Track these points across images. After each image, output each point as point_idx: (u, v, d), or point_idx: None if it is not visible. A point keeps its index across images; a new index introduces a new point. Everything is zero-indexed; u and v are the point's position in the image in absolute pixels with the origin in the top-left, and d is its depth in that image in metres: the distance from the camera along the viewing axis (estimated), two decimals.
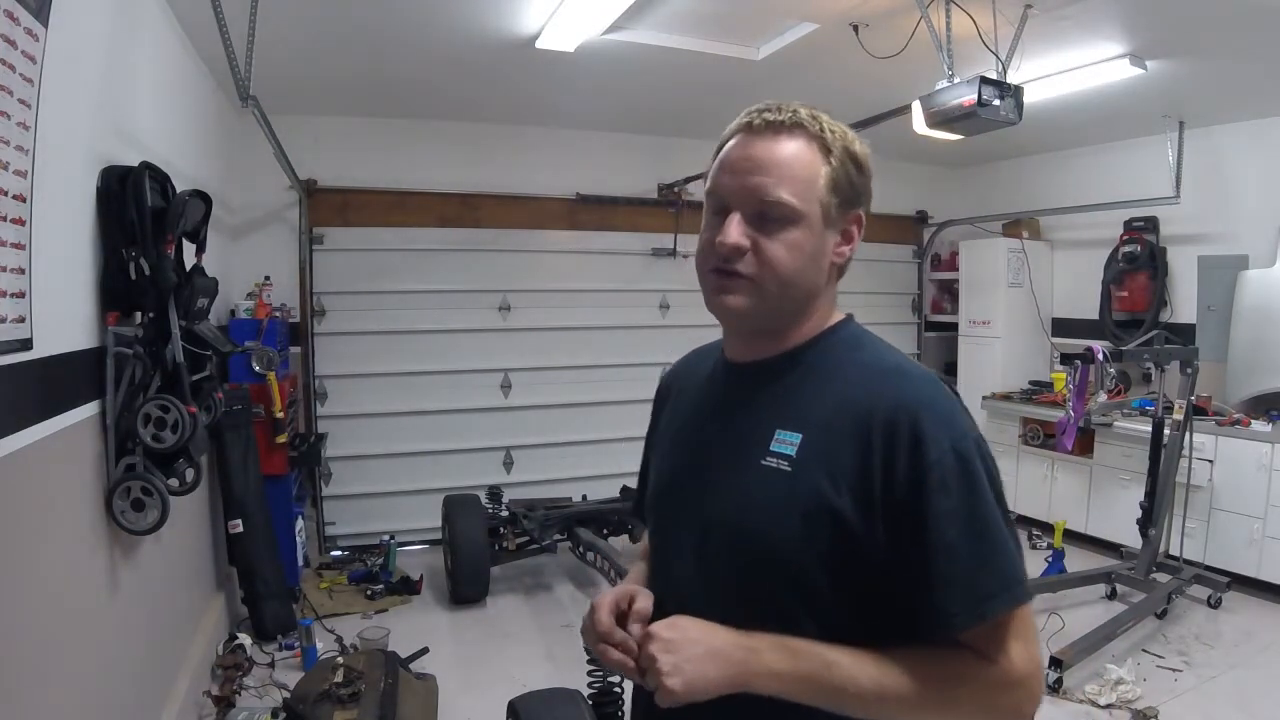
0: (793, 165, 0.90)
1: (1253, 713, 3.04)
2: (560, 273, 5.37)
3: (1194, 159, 4.61)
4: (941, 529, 0.82)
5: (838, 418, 0.88)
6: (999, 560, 0.84)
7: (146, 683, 2.51)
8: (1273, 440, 4.07)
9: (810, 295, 0.95)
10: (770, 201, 0.89)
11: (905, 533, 0.83)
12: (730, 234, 0.90)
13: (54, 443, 1.84)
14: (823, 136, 0.91)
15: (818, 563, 0.86)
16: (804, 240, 0.90)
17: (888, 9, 3.06)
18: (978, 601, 0.82)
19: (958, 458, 0.84)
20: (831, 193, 0.91)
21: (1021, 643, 0.84)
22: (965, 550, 0.82)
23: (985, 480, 0.85)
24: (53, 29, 1.76)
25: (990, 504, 0.85)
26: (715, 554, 0.93)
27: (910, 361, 0.95)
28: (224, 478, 3.59)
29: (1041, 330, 5.81)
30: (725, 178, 0.94)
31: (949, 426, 0.85)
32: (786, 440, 0.90)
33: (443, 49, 3.63)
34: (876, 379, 0.90)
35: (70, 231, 2.02)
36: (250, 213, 4.62)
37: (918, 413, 0.85)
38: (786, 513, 0.87)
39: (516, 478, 5.26)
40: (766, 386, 0.96)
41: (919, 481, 0.83)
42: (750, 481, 0.91)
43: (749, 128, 0.93)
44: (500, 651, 3.63)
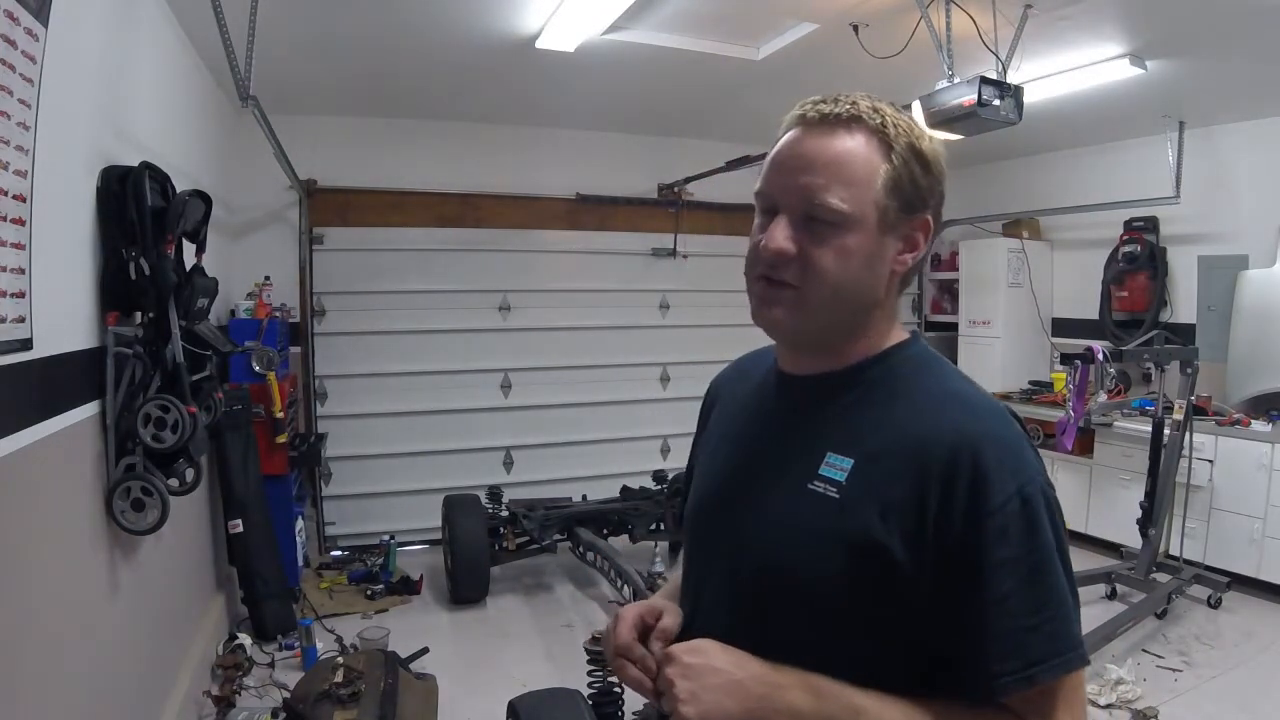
0: (847, 164, 0.82)
1: (1253, 713, 3.04)
2: (560, 273, 5.37)
3: (1194, 159, 4.61)
4: (997, 581, 0.75)
5: (895, 446, 0.81)
6: (1056, 622, 0.76)
7: (146, 683, 2.51)
8: (1273, 440, 4.07)
9: (865, 307, 0.86)
10: (819, 205, 0.81)
11: (956, 580, 0.76)
12: (775, 238, 0.82)
13: (54, 443, 1.84)
14: (884, 131, 0.83)
15: (857, 600, 0.80)
16: (857, 247, 0.82)
17: (888, 9, 3.06)
18: (1028, 664, 0.74)
19: (1023, 503, 0.77)
20: (891, 195, 0.83)
21: (1069, 715, 0.77)
22: (1021, 606, 0.75)
23: (1050, 531, 0.78)
24: (53, 29, 1.76)
25: (1053, 558, 0.77)
26: (749, 579, 0.87)
27: (978, 390, 0.86)
28: (224, 478, 3.59)
29: (1041, 330, 5.81)
30: (774, 176, 0.86)
31: (1016, 468, 0.78)
32: (837, 465, 0.83)
33: (443, 49, 3.63)
34: (940, 408, 0.82)
35: (70, 231, 2.02)
36: (250, 213, 4.62)
37: (981, 449, 0.77)
38: (829, 544, 0.81)
39: (516, 478, 5.25)
40: (820, 404, 0.89)
41: (977, 526, 0.75)
42: (793, 506, 0.84)
43: (803, 120, 0.85)
44: (500, 651, 3.63)
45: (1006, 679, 0.75)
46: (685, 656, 0.80)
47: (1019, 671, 0.74)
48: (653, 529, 4.41)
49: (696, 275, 5.56)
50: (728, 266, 6.02)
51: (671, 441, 5.57)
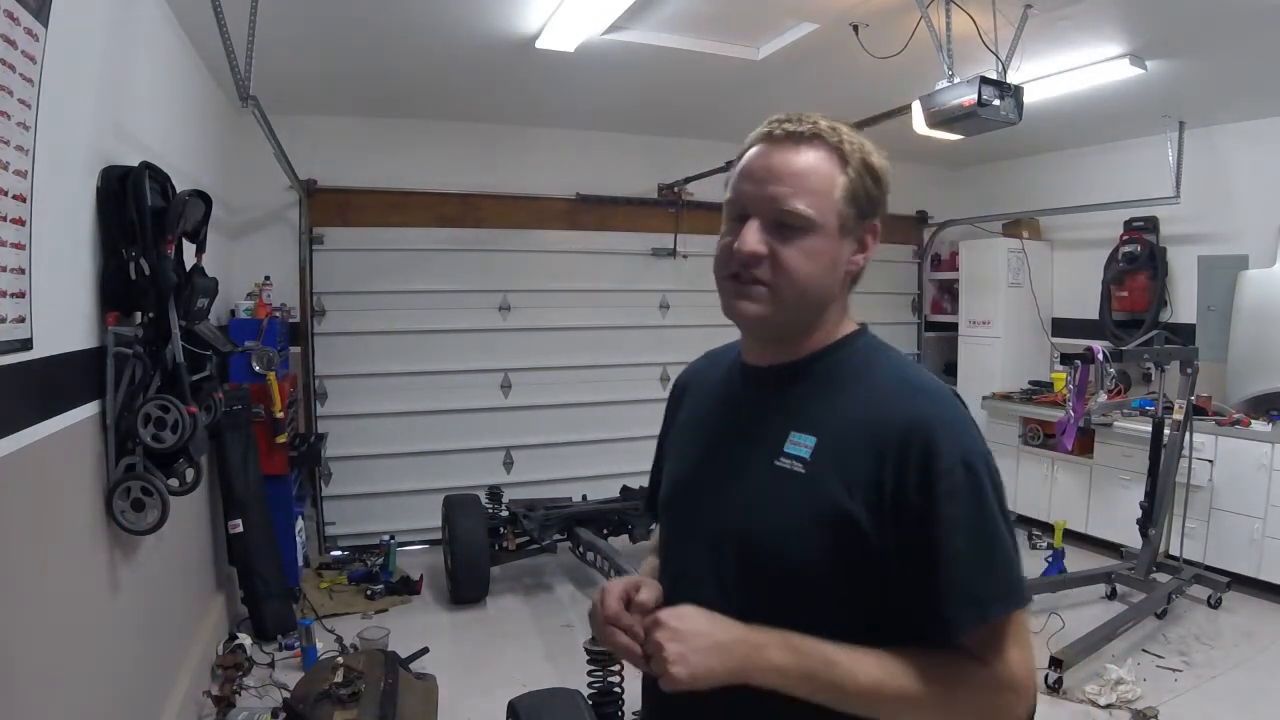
0: (811, 176, 0.92)
1: (1253, 713, 3.04)
2: (560, 273, 5.36)
3: (1194, 159, 4.61)
4: (949, 537, 0.85)
5: (853, 426, 0.91)
6: (1001, 567, 0.87)
7: (146, 683, 2.51)
8: (1273, 440, 4.07)
9: (825, 302, 0.97)
10: (788, 211, 0.91)
11: (914, 539, 0.86)
12: (748, 240, 0.92)
13: (54, 443, 1.84)
14: (841, 148, 0.93)
15: (827, 564, 0.89)
16: (820, 249, 0.92)
17: (888, 9, 3.06)
18: (979, 605, 0.85)
19: (967, 470, 0.87)
20: (848, 203, 0.93)
21: (1018, 648, 0.87)
22: (970, 556, 0.85)
23: (991, 492, 0.88)
24: (53, 29, 1.76)
25: (995, 514, 0.88)
26: (726, 552, 0.95)
27: (927, 375, 0.98)
28: (224, 478, 3.59)
29: (1041, 330, 5.81)
30: (745, 185, 0.95)
31: (960, 440, 0.88)
32: (801, 442, 0.92)
33: (443, 49, 3.63)
34: (892, 392, 0.93)
35: (70, 231, 2.02)
36: (250, 213, 4.62)
37: (931, 427, 0.88)
38: (798, 514, 0.90)
39: (516, 478, 5.26)
40: (782, 390, 0.98)
41: (929, 491, 0.86)
42: (763, 482, 0.93)
43: (770, 137, 0.95)
44: (500, 651, 3.63)
45: (963, 620, 0.85)
46: (672, 621, 0.87)
47: (973, 612, 0.85)
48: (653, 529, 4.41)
49: (696, 275, 5.55)
50: None
51: None
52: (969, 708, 0.87)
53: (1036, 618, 3.75)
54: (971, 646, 0.86)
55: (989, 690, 0.86)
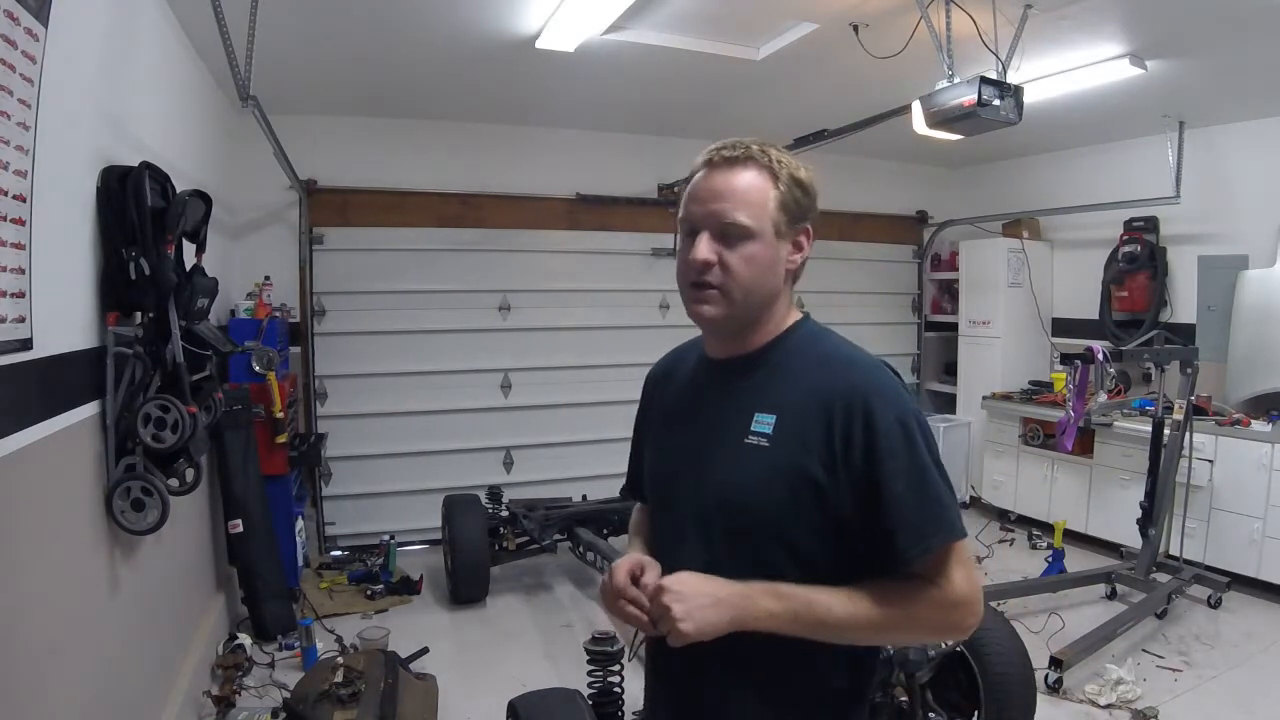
0: (747, 192, 1.08)
1: (1253, 713, 3.04)
2: (560, 273, 5.36)
3: (1194, 159, 4.61)
4: (891, 484, 1.02)
5: (805, 401, 1.07)
6: (936, 505, 1.04)
7: (146, 683, 2.51)
8: (1273, 440, 4.07)
9: (771, 298, 1.13)
10: (729, 223, 1.07)
11: (863, 489, 1.03)
12: (700, 251, 1.08)
13: (54, 443, 1.84)
14: (771, 167, 1.10)
15: (797, 520, 1.06)
16: (760, 252, 1.08)
17: (888, 9, 3.06)
18: (921, 537, 1.02)
19: (901, 427, 1.04)
20: (781, 211, 1.09)
21: (962, 570, 1.04)
22: (910, 498, 1.02)
23: (923, 444, 1.05)
24: (53, 29, 1.77)
25: (928, 462, 1.05)
26: (711, 518, 1.11)
27: (861, 351, 1.13)
28: (224, 478, 3.59)
29: (1041, 330, 5.81)
30: (693, 206, 1.12)
31: (893, 403, 1.05)
32: (764, 421, 1.09)
33: (443, 49, 3.63)
34: (834, 368, 1.10)
35: (70, 231, 2.02)
36: (250, 213, 4.62)
37: (868, 394, 1.05)
38: (769, 481, 1.06)
39: (516, 478, 5.26)
40: (743, 378, 1.14)
41: (871, 448, 1.03)
42: (736, 457, 1.09)
43: (710, 164, 1.12)
44: (500, 651, 3.63)
45: (910, 551, 1.02)
46: (674, 585, 1.03)
47: (917, 543, 1.02)
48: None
49: None
50: None
51: None
52: (926, 623, 1.05)
53: (1036, 618, 3.76)
54: (921, 573, 1.03)
55: (941, 606, 1.03)
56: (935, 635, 1.15)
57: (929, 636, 1.18)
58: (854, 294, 6.07)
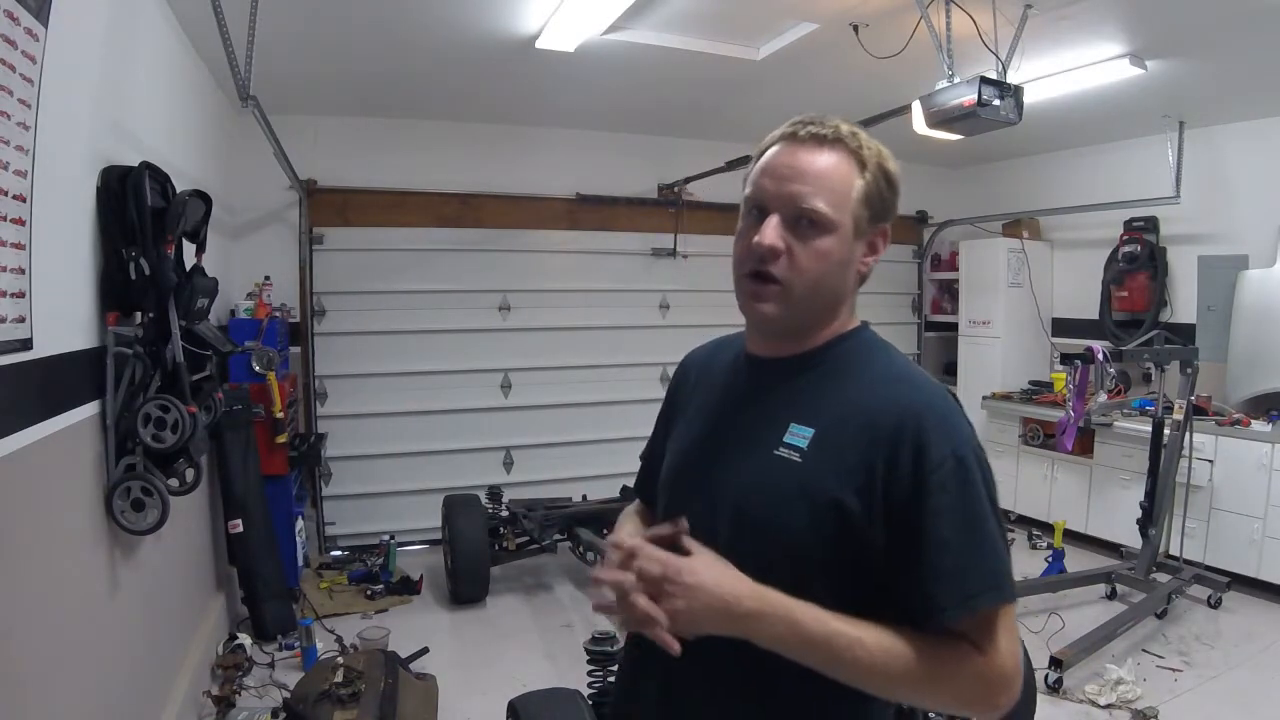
0: (831, 176, 0.94)
1: (1253, 713, 3.04)
2: (560, 273, 5.36)
3: (1194, 159, 4.61)
4: (937, 526, 0.87)
5: (849, 418, 0.94)
6: (989, 559, 0.89)
7: (146, 683, 2.51)
8: (1273, 440, 4.07)
9: (836, 301, 1.00)
10: (807, 208, 0.93)
11: (904, 528, 0.89)
12: (767, 235, 0.94)
13: (54, 443, 1.84)
14: (860, 152, 0.96)
15: (821, 549, 0.92)
16: (835, 249, 0.95)
17: (888, 9, 3.06)
18: (967, 596, 0.87)
19: (957, 462, 0.89)
20: (863, 206, 0.96)
21: (1008, 639, 0.88)
22: (958, 547, 0.87)
23: (981, 485, 0.90)
24: (53, 29, 1.76)
25: (985, 507, 0.90)
26: (722, 532, 0.96)
27: (919, 370, 1.01)
28: (224, 478, 3.59)
29: (1041, 330, 5.81)
30: (766, 181, 0.97)
31: (951, 433, 0.91)
32: (799, 434, 0.95)
33: (443, 49, 3.63)
34: (888, 385, 0.96)
35: (70, 231, 2.02)
36: (250, 213, 4.62)
37: (923, 419, 0.90)
38: (794, 501, 0.93)
39: (516, 478, 5.25)
40: (784, 382, 1.01)
41: (920, 482, 0.88)
42: (762, 469, 0.96)
43: (793, 137, 0.97)
44: (500, 651, 3.63)
45: (950, 609, 0.87)
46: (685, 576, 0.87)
47: (961, 602, 0.87)
48: None
49: (696, 275, 5.56)
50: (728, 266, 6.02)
51: None
52: (956, 693, 0.89)
53: (1036, 617, 3.76)
54: (961, 632, 0.88)
55: (979, 679, 0.87)
56: (960, 708, 0.93)
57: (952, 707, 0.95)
58: None
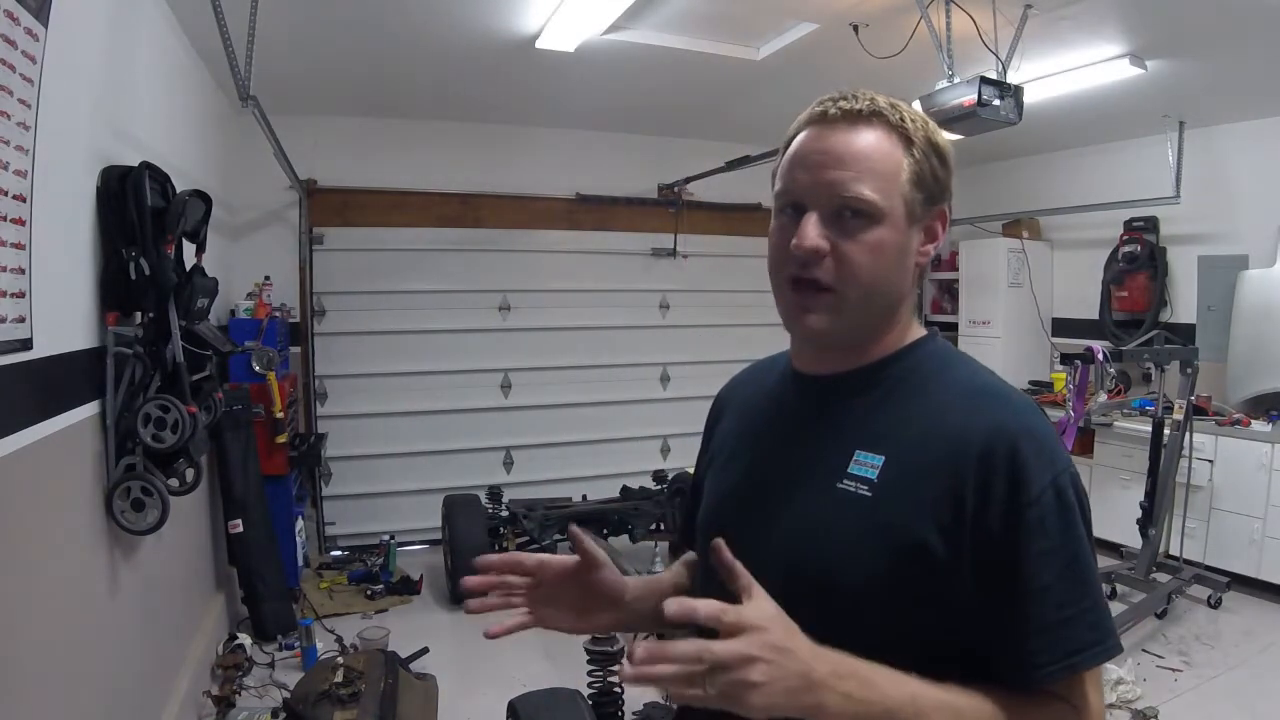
0: (873, 158, 0.81)
1: (1253, 713, 3.04)
2: (560, 273, 5.36)
3: (1194, 159, 4.61)
4: (1038, 572, 0.74)
5: (926, 441, 0.80)
6: (1094, 611, 0.77)
7: (146, 683, 2.51)
8: (1273, 440, 4.07)
9: (896, 301, 0.86)
10: (850, 198, 0.80)
11: (997, 572, 0.75)
12: (808, 235, 0.80)
13: (54, 443, 1.84)
14: (903, 126, 0.83)
15: (896, 603, 0.77)
16: (888, 240, 0.81)
17: (888, 9, 3.06)
18: (1070, 653, 0.75)
19: (1057, 494, 0.76)
20: (915, 187, 0.82)
21: (1097, 695, 0.78)
22: (1062, 597, 0.75)
23: (1081, 521, 0.78)
24: (53, 29, 1.76)
25: (1086, 548, 0.78)
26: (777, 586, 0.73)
27: (1006, 384, 0.86)
28: (224, 478, 3.59)
29: (1041, 330, 5.81)
30: (799, 173, 0.83)
31: (1050, 459, 0.77)
32: (867, 462, 0.81)
33: (442, 49, 3.63)
34: (970, 401, 0.81)
35: (70, 231, 2.02)
36: (250, 213, 4.62)
37: (1017, 441, 0.77)
38: (865, 545, 0.79)
39: (516, 478, 5.25)
40: (844, 403, 0.87)
41: (1016, 518, 0.75)
42: (823, 508, 0.82)
43: (823, 118, 0.84)
44: (500, 651, 3.60)
45: (1051, 668, 0.74)
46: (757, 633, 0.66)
47: (1063, 660, 0.75)
48: (653, 529, 4.41)
49: (696, 275, 5.56)
50: (728, 266, 6.10)
51: (671, 441, 5.57)
52: None
53: None
54: (1056, 691, 0.76)
55: None
56: None
57: None
58: None
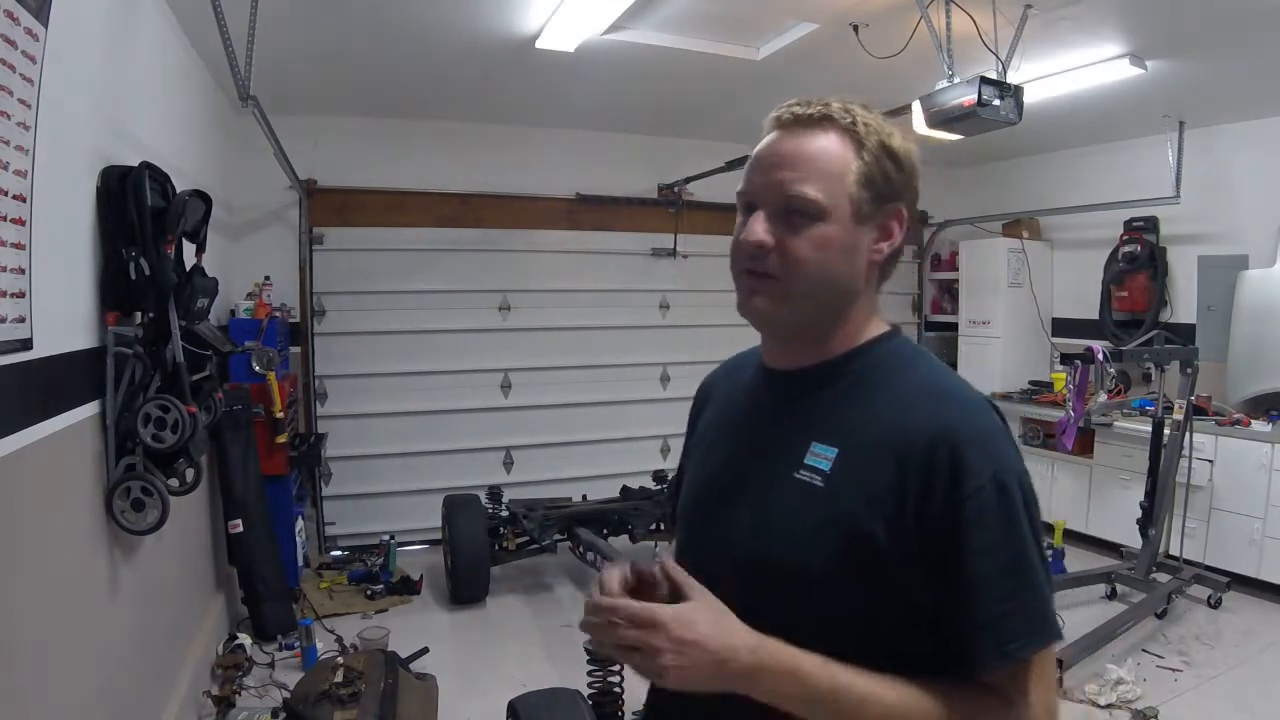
0: (819, 159, 0.87)
1: (1253, 713, 3.04)
2: (560, 273, 5.36)
3: (1194, 159, 4.61)
4: (977, 565, 0.78)
5: (879, 437, 0.84)
6: (1032, 599, 0.80)
7: (146, 683, 2.51)
8: (1273, 440, 4.07)
9: (846, 296, 0.91)
10: (794, 196, 0.86)
11: (937, 562, 0.79)
12: (754, 231, 0.87)
13: (54, 443, 1.84)
14: (855, 130, 0.88)
15: (849, 589, 0.82)
16: (833, 236, 0.86)
17: (888, 9, 3.06)
18: (1007, 642, 0.78)
19: (998, 490, 0.80)
20: (863, 187, 0.87)
21: (1043, 687, 0.81)
22: (1000, 590, 0.79)
23: (1024, 516, 0.81)
24: (53, 29, 1.76)
25: (1028, 541, 0.81)
26: (743, 570, 0.88)
27: (964, 384, 0.90)
28: (224, 478, 3.59)
29: (1041, 330, 5.81)
30: (754, 175, 0.91)
31: (993, 457, 0.81)
32: (821, 454, 0.86)
33: (443, 49, 3.63)
34: (924, 400, 0.86)
35: (70, 231, 2.02)
36: (250, 213, 4.62)
37: (962, 438, 0.81)
38: (816, 532, 0.84)
39: (516, 478, 5.25)
40: (805, 396, 0.93)
41: (956, 511, 0.79)
42: (781, 496, 0.87)
43: (778, 123, 0.91)
44: (500, 651, 3.63)
45: (988, 659, 0.79)
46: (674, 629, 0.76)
47: (997, 649, 0.78)
48: (653, 529, 4.41)
49: (696, 275, 5.56)
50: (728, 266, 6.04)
51: (671, 441, 5.57)
52: None
53: None
54: (994, 683, 0.80)
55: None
56: None
57: None
58: None
